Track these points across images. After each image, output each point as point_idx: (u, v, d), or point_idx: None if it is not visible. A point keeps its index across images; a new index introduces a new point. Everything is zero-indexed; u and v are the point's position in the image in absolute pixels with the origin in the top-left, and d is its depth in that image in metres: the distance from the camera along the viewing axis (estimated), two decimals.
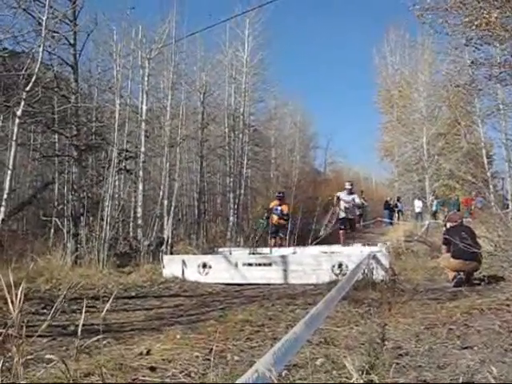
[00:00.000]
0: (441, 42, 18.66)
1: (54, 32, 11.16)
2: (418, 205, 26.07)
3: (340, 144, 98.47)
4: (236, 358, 3.34)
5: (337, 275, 8.16)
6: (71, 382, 2.64)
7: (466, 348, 3.64)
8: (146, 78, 16.70)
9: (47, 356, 2.77)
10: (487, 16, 7.85)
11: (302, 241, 16.98)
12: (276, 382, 1.77)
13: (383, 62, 33.12)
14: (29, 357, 2.51)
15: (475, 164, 20.32)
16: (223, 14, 38.38)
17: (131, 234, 15.27)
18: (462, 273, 7.28)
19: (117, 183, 15.53)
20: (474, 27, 8.34)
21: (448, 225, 7.92)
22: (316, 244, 14.48)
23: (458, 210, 19.99)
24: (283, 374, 2.71)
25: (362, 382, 2.52)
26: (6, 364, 2.47)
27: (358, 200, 13.89)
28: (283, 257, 9.34)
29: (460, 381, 2.85)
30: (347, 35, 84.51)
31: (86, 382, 2.77)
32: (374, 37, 70.46)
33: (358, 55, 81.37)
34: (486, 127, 22.89)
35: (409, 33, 29.40)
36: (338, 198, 13.45)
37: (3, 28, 10.29)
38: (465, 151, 22.91)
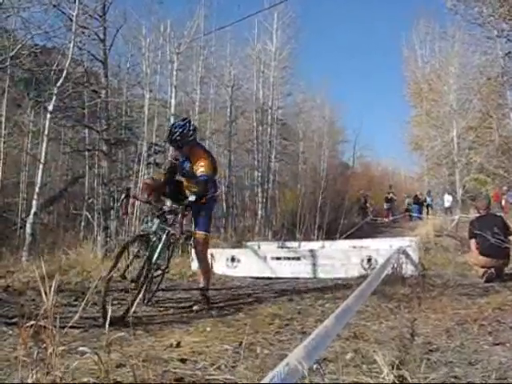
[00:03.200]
0: (472, 34, 18.36)
1: (84, 28, 11.33)
2: (447, 199, 25.79)
3: (368, 137, 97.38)
4: (265, 351, 3.34)
5: (366, 269, 8.10)
6: (103, 373, 2.68)
7: (497, 344, 3.59)
8: (174, 73, 16.75)
9: (80, 348, 2.81)
10: None
11: (330, 235, 16.84)
12: (307, 375, 1.77)
13: (412, 55, 32.64)
14: (62, 348, 2.54)
15: (507, 157, 19.96)
16: (252, 8, 38.33)
17: None
18: (492, 268, 7.18)
19: (146, 177, 15.66)
20: (508, 18, 8.21)
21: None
22: (345, 238, 14.25)
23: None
24: (314, 367, 2.70)
25: (392, 376, 2.51)
26: (40, 355, 2.51)
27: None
28: (312, 251, 9.30)
29: (492, 377, 2.82)
30: (375, 28, 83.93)
31: (117, 373, 2.81)
32: (402, 29, 69.63)
33: (385, 48, 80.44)
34: None
35: (439, 24, 28.90)
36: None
37: (35, 24, 10.52)
38: (496, 144, 22.50)
